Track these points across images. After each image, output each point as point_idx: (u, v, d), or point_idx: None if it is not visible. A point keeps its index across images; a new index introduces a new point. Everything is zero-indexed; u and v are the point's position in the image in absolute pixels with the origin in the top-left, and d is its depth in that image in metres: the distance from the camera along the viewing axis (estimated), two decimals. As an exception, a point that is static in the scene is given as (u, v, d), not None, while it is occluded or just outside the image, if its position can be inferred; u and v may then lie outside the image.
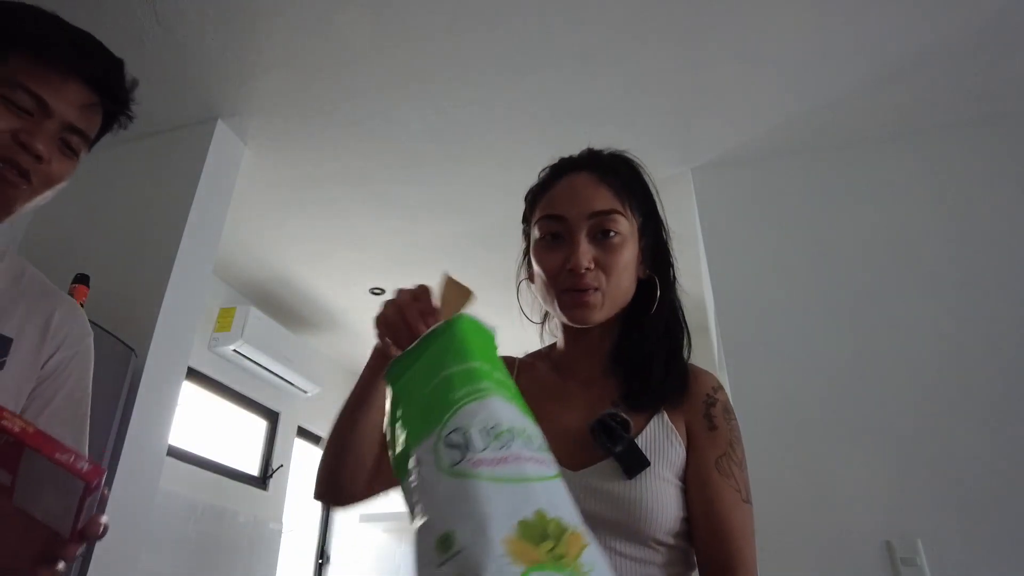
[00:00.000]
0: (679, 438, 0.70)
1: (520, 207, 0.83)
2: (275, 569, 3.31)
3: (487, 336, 0.54)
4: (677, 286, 0.80)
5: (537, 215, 0.77)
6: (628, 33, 1.76)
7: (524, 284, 0.84)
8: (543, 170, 0.84)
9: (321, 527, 3.88)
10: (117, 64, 0.73)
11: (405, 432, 0.47)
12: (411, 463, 0.45)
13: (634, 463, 0.65)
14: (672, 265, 0.80)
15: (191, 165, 2.02)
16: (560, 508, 0.40)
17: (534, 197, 0.81)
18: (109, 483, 1.50)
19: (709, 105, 2.01)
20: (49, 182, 0.70)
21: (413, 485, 0.43)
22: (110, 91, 0.73)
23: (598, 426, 0.67)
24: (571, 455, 0.67)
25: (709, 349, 2.25)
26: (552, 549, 0.37)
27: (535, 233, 0.77)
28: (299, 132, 2.16)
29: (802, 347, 1.86)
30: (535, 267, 0.76)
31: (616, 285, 0.73)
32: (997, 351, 1.71)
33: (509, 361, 0.81)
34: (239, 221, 2.61)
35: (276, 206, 2.58)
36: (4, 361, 0.71)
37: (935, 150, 2.04)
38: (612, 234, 0.73)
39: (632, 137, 2.03)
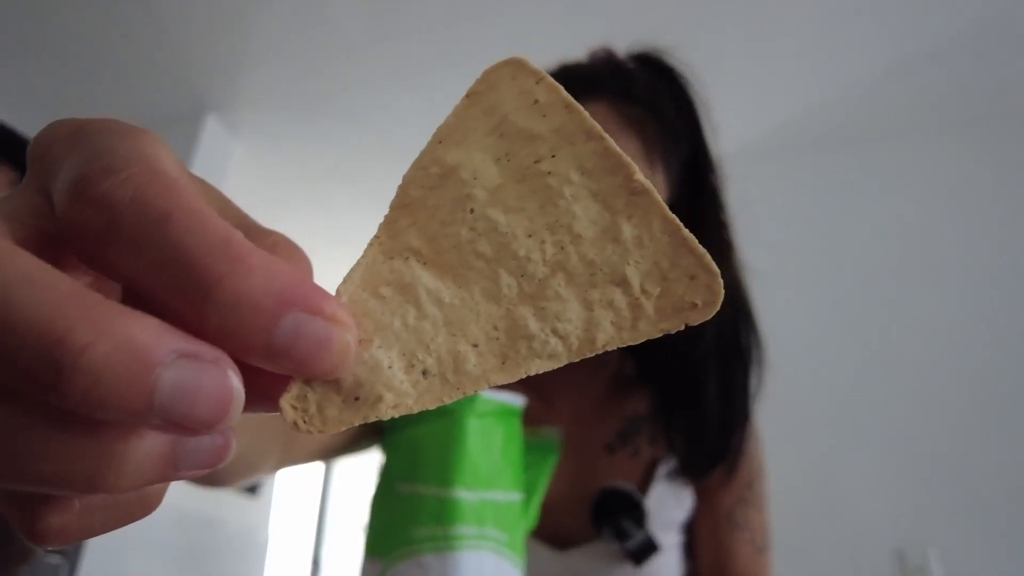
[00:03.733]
0: (689, 492, 0.58)
1: None
2: (265, 578, 3.27)
3: (502, 425, 0.42)
4: (735, 261, 0.56)
5: None
6: (630, 29, 1.71)
7: None
8: None
9: (315, 535, 3.84)
10: None
11: (368, 529, 0.41)
12: (362, 564, 0.41)
13: (645, 553, 0.53)
14: (724, 228, 0.54)
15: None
16: None
17: None
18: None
19: (712, 102, 1.97)
20: None
21: None
22: None
23: (604, 524, 0.52)
24: (554, 526, 0.54)
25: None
26: None
27: None
28: (292, 126, 2.11)
29: (810, 349, 1.82)
30: None
31: None
32: (1012, 356, 1.67)
33: None
34: (230, 220, 2.57)
35: (269, 204, 2.53)
36: None
37: (946, 147, 2.00)
38: None
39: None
